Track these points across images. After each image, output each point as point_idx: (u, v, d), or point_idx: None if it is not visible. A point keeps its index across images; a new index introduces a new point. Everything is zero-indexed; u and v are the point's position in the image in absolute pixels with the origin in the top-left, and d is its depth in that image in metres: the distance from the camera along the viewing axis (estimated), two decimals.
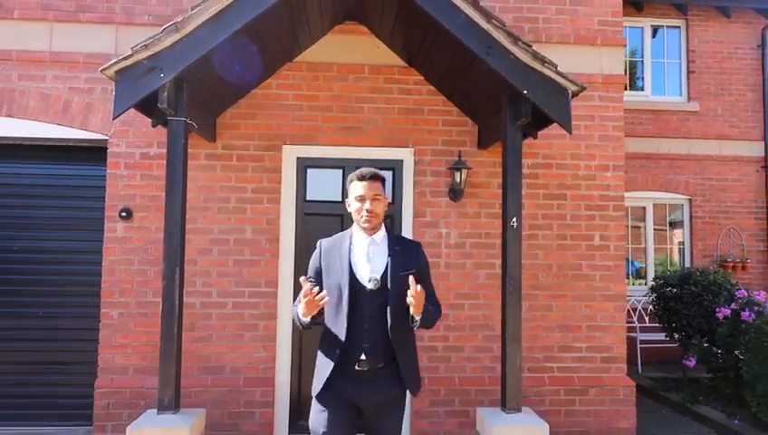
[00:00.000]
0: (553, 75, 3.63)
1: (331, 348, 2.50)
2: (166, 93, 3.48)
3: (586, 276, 4.87)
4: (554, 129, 4.10)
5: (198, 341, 4.52)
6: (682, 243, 8.90)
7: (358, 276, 2.48)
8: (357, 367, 2.45)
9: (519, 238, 3.82)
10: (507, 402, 3.74)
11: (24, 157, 4.74)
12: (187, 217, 3.85)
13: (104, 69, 3.42)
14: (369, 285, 2.43)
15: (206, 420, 4.01)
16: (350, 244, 2.55)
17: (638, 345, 7.79)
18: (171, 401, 3.54)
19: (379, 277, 2.45)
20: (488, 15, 3.62)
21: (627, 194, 8.46)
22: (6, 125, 4.56)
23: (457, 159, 4.73)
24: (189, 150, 3.96)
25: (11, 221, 4.74)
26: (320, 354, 2.58)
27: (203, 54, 3.50)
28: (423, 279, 2.51)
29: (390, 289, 2.45)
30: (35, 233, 4.74)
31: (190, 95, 3.74)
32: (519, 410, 3.73)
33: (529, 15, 4.96)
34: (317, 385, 2.51)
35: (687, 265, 8.60)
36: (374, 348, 2.44)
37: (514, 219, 3.80)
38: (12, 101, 4.58)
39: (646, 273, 8.80)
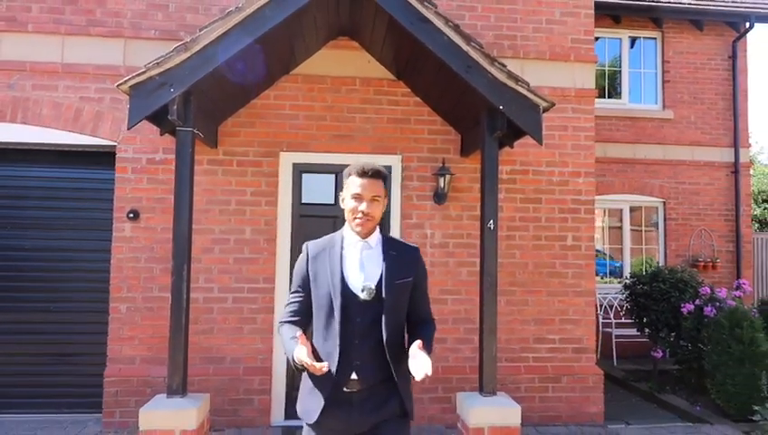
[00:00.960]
0: (526, 92, 4.04)
1: (320, 378, 2.14)
2: (175, 106, 3.84)
3: (559, 274, 5.29)
4: (530, 138, 4.50)
5: (201, 333, 4.87)
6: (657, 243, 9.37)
7: (350, 285, 2.17)
8: (346, 389, 2.13)
9: (495, 239, 4.22)
10: (484, 387, 4.14)
11: (37, 161, 5.07)
12: None
13: (119, 84, 3.77)
14: (363, 295, 2.13)
15: (210, 405, 4.37)
16: (342, 248, 2.24)
17: (614, 340, 8.22)
18: (179, 386, 3.90)
19: (373, 286, 2.14)
20: (468, 38, 4.02)
21: (605, 197, 9.03)
22: (21, 131, 4.89)
23: (441, 165, 5.13)
24: None
25: (25, 221, 5.07)
26: (306, 377, 2.22)
27: (209, 71, 3.85)
28: (419, 289, 2.30)
29: (386, 299, 2.16)
30: (47, 233, 5.07)
31: (196, 107, 4.10)
32: (494, 394, 4.14)
33: (508, 33, 5.37)
34: (310, 413, 2.18)
35: (662, 264, 9.06)
36: (366, 366, 2.15)
37: (491, 221, 4.20)
38: (26, 109, 4.91)
39: (623, 271, 9.25)
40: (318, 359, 2.12)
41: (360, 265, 2.21)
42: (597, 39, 9.34)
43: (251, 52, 4.07)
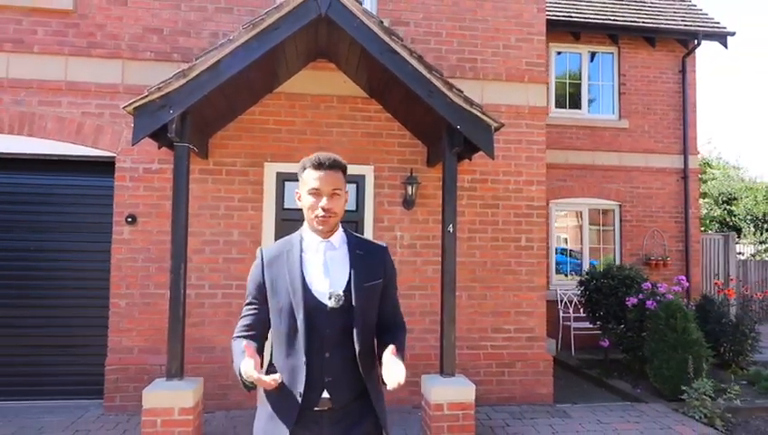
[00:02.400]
0: (479, 114, 4.68)
1: (286, 389, 1.91)
2: (174, 125, 4.38)
3: (514, 271, 5.96)
4: None
5: (193, 325, 5.41)
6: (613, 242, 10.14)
7: (314, 292, 1.94)
8: (316, 408, 1.92)
9: (454, 241, 4.85)
10: (444, 369, 4.77)
11: (42, 170, 5.56)
12: None
13: (125, 106, 4.30)
14: (331, 303, 1.91)
15: (203, 389, 4.92)
16: (301, 250, 2.02)
17: (572, 332, 8.95)
18: (177, 371, 4.46)
19: (342, 292, 1.93)
20: (430, 67, 4.65)
21: (566, 200, 9.78)
22: (28, 143, 5.38)
23: (410, 174, 5.75)
24: None
25: (30, 225, 5.55)
26: (264, 398, 1.99)
27: (204, 95, 4.40)
28: (389, 290, 2.11)
29: (356, 305, 1.94)
30: (52, 235, 5.56)
31: (191, 124, 4.65)
32: (453, 375, 4.77)
33: (470, 57, 6.01)
34: None
35: (618, 262, 9.83)
36: (338, 381, 1.93)
37: (450, 226, 4.83)
38: (32, 123, 5.39)
39: (582, 269, 9.99)
40: (280, 383, 1.84)
41: (324, 268, 1.99)
42: (559, 53, 10.12)
43: (240, 76, 4.63)
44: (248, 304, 2.08)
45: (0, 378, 5.44)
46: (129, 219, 5.43)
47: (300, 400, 1.91)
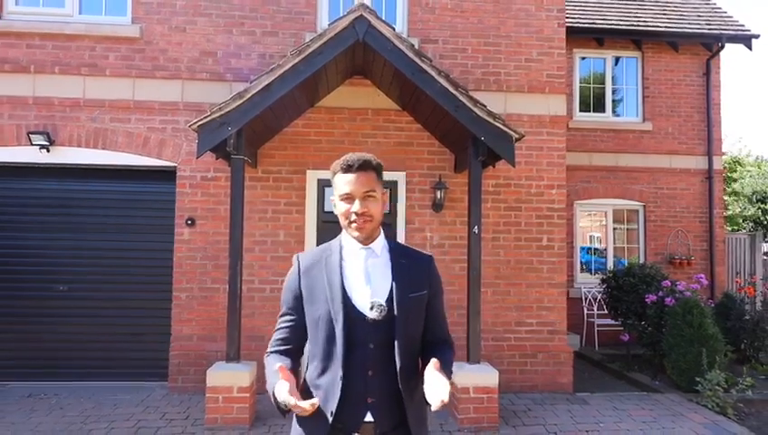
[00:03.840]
0: (502, 126, 5.17)
1: (318, 409, 1.71)
2: (232, 140, 5.02)
3: (536, 269, 6.42)
4: None
5: (245, 316, 6.03)
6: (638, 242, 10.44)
7: (355, 303, 1.81)
8: (356, 433, 1.77)
9: (479, 241, 5.36)
10: (470, 357, 5.28)
11: (113, 178, 6.30)
12: None
13: (190, 125, 4.96)
14: (372, 314, 1.78)
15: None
16: (341, 258, 1.90)
17: (596, 328, 9.31)
18: (235, 355, 5.10)
19: (384, 302, 1.79)
20: (456, 85, 5.17)
21: (590, 201, 10.13)
22: (102, 155, 6.12)
23: (438, 180, 6.27)
24: None
25: (103, 227, 6.30)
26: (294, 423, 1.86)
27: (257, 114, 5.03)
28: (434, 304, 1.95)
29: (398, 317, 1.79)
30: (121, 235, 6.30)
31: (245, 138, 5.28)
32: (479, 363, 5.28)
33: (494, 70, 6.49)
34: None
35: (642, 261, 10.12)
36: (383, 404, 1.77)
37: (476, 227, 5.34)
38: (105, 137, 6.13)
39: (606, 268, 10.31)
40: (309, 396, 1.75)
41: (365, 276, 1.86)
42: (583, 59, 10.47)
43: (287, 95, 5.24)
44: (283, 314, 1.94)
45: (77, 361, 6.20)
46: (189, 222, 6.11)
47: (330, 420, 1.74)
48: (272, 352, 1.92)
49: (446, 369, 1.80)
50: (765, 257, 11.07)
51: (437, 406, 1.60)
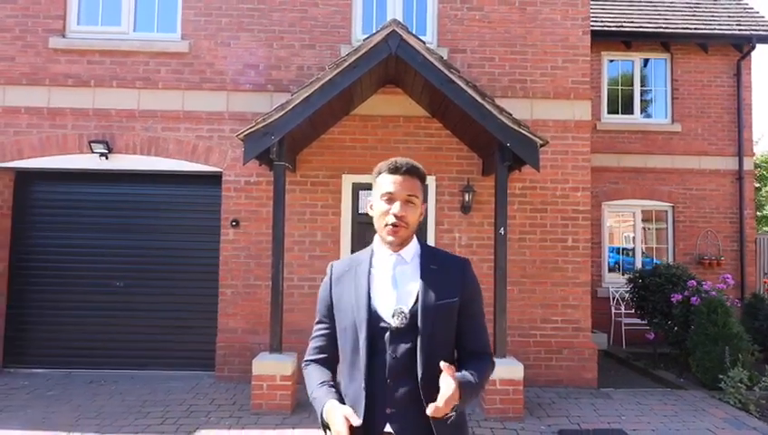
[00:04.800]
0: (527, 133, 5.46)
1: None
2: (274, 148, 5.45)
3: (561, 268, 6.67)
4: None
5: (286, 311, 6.42)
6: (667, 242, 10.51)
7: (379, 312, 1.78)
8: None
9: (505, 242, 5.66)
10: (497, 351, 5.57)
11: (165, 182, 6.85)
12: None
13: (238, 135, 5.41)
14: (395, 322, 1.75)
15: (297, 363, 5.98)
16: (370, 266, 1.88)
17: (623, 327, 9.46)
18: (278, 346, 5.54)
19: (407, 310, 1.76)
20: (483, 94, 5.48)
21: (619, 202, 10.26)
22: (155, 162, 6.65)
23: (466, 183, 6.59)
24: None
25: (156, 227, 6.85)
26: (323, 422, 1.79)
27: (298, 123, 5.44)
28: (468, 312, 1.85)
29: (421, 326, 1.74)
30: (172, 235, 6.84)
31: (286, 146, 5.70)
32: (505, 357, 5.58)
33: (520, 78, 6.77)
34: None
35: (671, 261, 10.19)
36: (404, 415, 1.72)
37: (502, 229, 5.64)
38: (157, 145, 6.66)
39: (635, 267, 10.42)
40: (342, 404, 1.73)
41: (392, 284, 1.83)
42: (611, 61, 10.59)
43: (325, 106, 5.64)
44: (318, 322, 1.97)
45: (132, 352, 6.75)
46: (234, 223, 6.59)
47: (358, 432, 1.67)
48: (311, 361, 1.93)
49: (473, 382, 1.72)
50: None
51: (430, 410, 1.57)
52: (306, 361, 1.94)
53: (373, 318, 1.77)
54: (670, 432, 5.06)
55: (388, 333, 1.75)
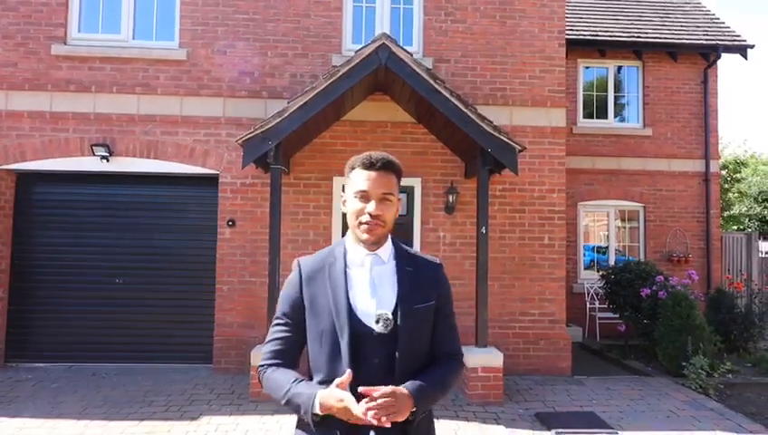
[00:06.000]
0: (506, 139, 5.90)
1: (321, 428, 1.63)
2: (272, 153, 5.81)
3: (538, 265, 7.14)
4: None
5: None
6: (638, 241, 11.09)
7: (360, 316, 1.71)
8: None
9: (486, 240, 6.10)
10: (479, 341, 6.04)
11: (164, 184, 7.16)
12: None
13: (237, 140, 5.76)
14: (378, 327, 1.69)
15: None
16: (345, 265, 1.78)
17: (597, 321, 10.00)
18: None
19: (391, 315, 1.70)
20: (466, 103, 5.91)
21: (593, 202, 10.79)
22: (154, 164, 6.96)
23: (450, 185, 7.02)
24: None
25: (156, 227, 7.16)
26: (297, 428, 1.75)
27: (294, 129, 5.81)
28: (442, 314, 1.84)
29: (401, 330, 1.70)
30: (171, 235, 7.15)
31: (282, 150, 6.06)
32: (486, 347, 6.03)
33: (500, 86, 7.22)
34: None
35: (642, 258, 10.77)
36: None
37: (484, 228, 6.08)
38: (157, 148, 6.96)
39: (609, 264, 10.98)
40: (319, 421, 1.62)
41: (371, 286, 1.76)
42: (587, 68, 11.13)
43: (319, 112, 6.01)
44: (277, 323, 1.81)
45: (132, 345, 7.05)
46: (230, 223, 6.93)
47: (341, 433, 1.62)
48: (267, 366, 1.76)
49: (427, 389, 1.66)
50: (765, 256, 11.69)
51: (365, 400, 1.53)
52: (263, 365, 1.77)
53: (355, 323, 1.69)
54: (636, 414, 5.56)
55: (371, 338, 1.68)
